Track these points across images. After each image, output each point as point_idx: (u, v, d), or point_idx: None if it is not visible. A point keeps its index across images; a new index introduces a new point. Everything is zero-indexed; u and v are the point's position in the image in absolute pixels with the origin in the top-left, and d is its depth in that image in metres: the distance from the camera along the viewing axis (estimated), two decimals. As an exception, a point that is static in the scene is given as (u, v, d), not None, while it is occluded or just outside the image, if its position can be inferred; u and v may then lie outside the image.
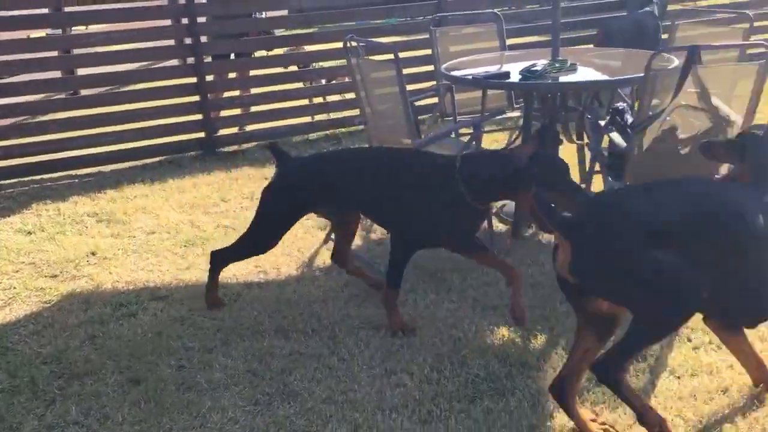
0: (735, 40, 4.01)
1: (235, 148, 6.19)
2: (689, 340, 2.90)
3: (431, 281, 3.53)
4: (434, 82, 4.90)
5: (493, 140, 5.29)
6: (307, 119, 6.63)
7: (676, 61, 3.47)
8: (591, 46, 7.02)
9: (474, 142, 3.74)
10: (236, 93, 6.64)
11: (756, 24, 7.98)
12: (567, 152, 4.83)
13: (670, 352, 2.83)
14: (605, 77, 4.17)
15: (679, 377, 2.68)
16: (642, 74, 3.24)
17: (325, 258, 3.87)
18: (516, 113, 4.69)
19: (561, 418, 2.49)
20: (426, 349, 2.96)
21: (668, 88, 3.20)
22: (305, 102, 6.73)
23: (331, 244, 4.00)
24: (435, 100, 4.86)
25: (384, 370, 2.83)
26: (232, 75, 6.71)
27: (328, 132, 6.44)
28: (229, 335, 3.13)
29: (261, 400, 2.68)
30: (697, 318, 3.02)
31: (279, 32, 8.22)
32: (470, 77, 3.89)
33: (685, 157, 3.21)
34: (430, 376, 2.77)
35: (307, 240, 4.13)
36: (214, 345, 3.07)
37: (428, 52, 5.08)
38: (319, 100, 6.81)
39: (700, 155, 2.68)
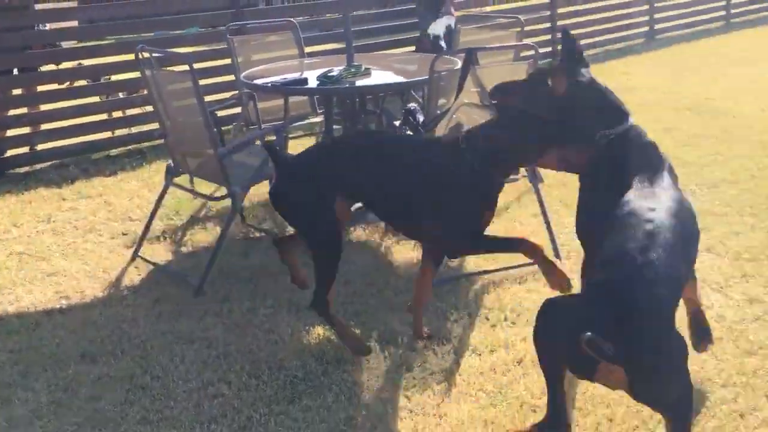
0: (510, 43, 4.38)
1: (26, 169, 5.76)
2: (487, 319, 3.14)
3: (245, 288, 3.53)
4: (237, 92, 4.88)
5: (301, 145, 5.37)
6: (107, 134, 6.33)
7: (459, 63, 3.74)
8: (412, 49, 7.33)
9: (278, 148, 3.77)
10: (24, 110, 6.18)
11: (527, 28, 8.75)
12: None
13: (471, 331, 3.05)
14: (400, 80, 4.38)
15: (480, 354, 2.90)
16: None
17: (132, 276, 3.74)
18: (320, 118, 4.80)
19: (377, 407, 2.61)
20: (243, 356, 2.96)
21: (453, 88, 3.43)
22: (104, 116, 6.42)
23: (139, 262, 3.88)
24: (239, 109, 4.85)
25: (201, 382, 2.79)
26: (17, 91, 6.24)
27: (130, 147, 6.19)
28: (29, 367, 2.93)
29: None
30: (494, 297, 3.29)
31: (70, 44, 7.76)
32: (269, 84, 3.93)
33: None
34: (248, 383, 2.78)
35: (112, 260, 3.96)
36: (12, 379, 2.86)
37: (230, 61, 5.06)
38: (118, 114, 6.54)
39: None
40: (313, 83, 3.89)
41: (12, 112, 6.12)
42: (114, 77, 6.73)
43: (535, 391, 2.63)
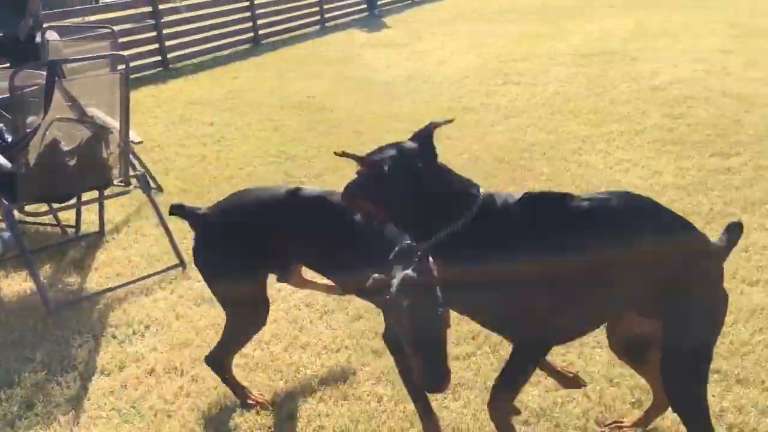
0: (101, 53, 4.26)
1: None
2: (114, 337, 3.05)
3: None
4: None
5: None
6: None
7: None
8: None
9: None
10: None
11: (134, 38, 8.58)
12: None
13: (98, 353, 2.94)
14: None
15: (108, 374, 2.81)
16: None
17: None
18: None
19: (-5, 456, 2.39)
20: None
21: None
22: None
23: None
24: None
25: None
26: None
27: None
28: None
29: None
30: (120, 313, 3.19)
31: None
32: None
33: (74, 167, 3.30)
34: None
35: None
36: None
37: None
38: None
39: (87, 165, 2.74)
40: None
41: None
42: None
43: (168, 397, 2.65)
